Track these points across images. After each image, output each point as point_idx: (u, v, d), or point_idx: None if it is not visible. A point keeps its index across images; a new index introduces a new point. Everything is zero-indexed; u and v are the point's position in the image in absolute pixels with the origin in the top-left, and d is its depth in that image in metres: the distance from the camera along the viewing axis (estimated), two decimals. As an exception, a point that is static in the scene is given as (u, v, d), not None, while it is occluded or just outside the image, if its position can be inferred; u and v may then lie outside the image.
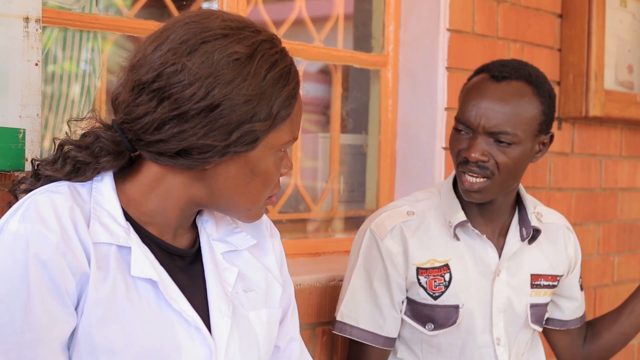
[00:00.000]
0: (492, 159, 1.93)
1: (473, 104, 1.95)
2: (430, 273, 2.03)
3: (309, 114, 2.87)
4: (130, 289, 1.31)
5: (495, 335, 2.07)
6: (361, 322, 2.06)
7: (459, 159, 1.98)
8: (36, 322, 1.24)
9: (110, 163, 1.37)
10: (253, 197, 1.40)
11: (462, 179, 1.97)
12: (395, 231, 2.04)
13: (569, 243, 2.21)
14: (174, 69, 1.30)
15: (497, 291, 2.06)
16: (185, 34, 1.32)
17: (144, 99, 1.31)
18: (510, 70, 1.97)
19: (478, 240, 2.06)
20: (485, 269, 2.06)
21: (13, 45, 1.60)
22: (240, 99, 1.30)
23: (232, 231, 1.50)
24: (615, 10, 3.15)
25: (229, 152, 1.33)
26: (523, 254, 2.10)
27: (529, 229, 2.07)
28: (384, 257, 2.03)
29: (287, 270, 1.61)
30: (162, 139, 1.32)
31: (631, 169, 3.42)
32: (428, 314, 2.04)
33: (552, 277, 2.15)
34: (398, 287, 2.04)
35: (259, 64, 1.32)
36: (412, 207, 2.08)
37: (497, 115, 1.92)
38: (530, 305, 2.11)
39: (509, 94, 1.94)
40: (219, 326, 1.39)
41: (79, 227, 1.29)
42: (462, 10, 2.69)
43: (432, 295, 2.03)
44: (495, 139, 1.93)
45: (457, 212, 2.03)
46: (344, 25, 2.74)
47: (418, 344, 2.08)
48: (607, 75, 3.12)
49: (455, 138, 2.00)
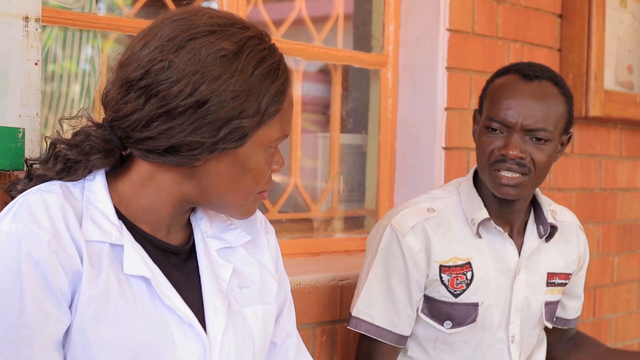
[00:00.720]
0: (528, 156, 1.96)
1: (509, 103, 1.97)
2: (453, 271, 2.03)
3: (309, 114, 2.87)
4: (124, 286, 1.32)
5: (511, 333, 2.08)
6: (376, 318, 2.05)
7: (492, 157, 1.98)
8: (30, 321, 1.24)
9: (100, 161, 1.37)
10: (244, 193, 1.40)
11: (498, 176, 1.97)
12: (417, 228, 2.03)
13: (581, 242, 2.24)
14: (161, 66, 1.30)
15: (517, 290, 2.07)
16: (172, 31, 1.33)
17: (132, 97, 1.32)
18: (539, 71, 2.01)
19: (499, 238, 2.06)
20: (506, 267, 2.06)
21: (13, 44, 1.60)
22: (228, 95, 1.30)
23: (226, 228, 1.50)
24: (615, 11, 3.15)
25: (218, 149, 1.33)
26: (540, 252, 2.11)
27: (546, 226, 2.08)
28: (405, 254, 2.03)
29: (282, 266, 1.61)
30: (151, 136, 1.32)
31: (631, 169, 3.42)
32: (447, 312, 2.04)
33: (566, 275, 2.17)
34: (417, 285, 2.03)
35: (247, 60, 1.32)
36: (432, 204, 2.08)
37: (535, 112, 1.95)
38: (545, 303, 2.12)
39: (543, 92, 1.97)
40: (213, 323, 1.39)
41: (71, 226, 1.29)
42: (462, 10, 2.69)
43: (453, 293, 2.03)
44: (532, 136, 1.96)
45: (480, 210, 2.04)
46: (343, 25, 2.74)
47: (432, 342, 2.08)
48: (607, 75, 3.12)
49: (488, 137, 2.00)
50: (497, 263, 2.06)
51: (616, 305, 3.36)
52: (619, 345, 3.38)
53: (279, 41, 2.50)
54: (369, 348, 2.09)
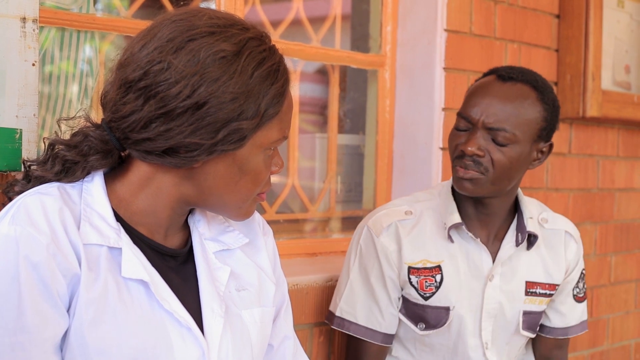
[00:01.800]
0: (488, 155, 1.95)
1: (476, 101, 1.98)
2: (422, 273, 2.04)
3: (306, 114, 2.87)
4: (122, 289, 1.31)
5: (484, 340, 2.07)
6: (360, 318, 2.07)
7: (455, 152, 1.99)
8: (28, 324, 1.24)
9: (98, 162, 1.37)
10: (243, 195, 1.40)
11: (456, 169, 1.98)
12: (390, 229, 2.05)
13: (570, 248, 2.18)
14: (160, 67, 1.30)
15: (488, 296, 2.06)
16: (171, 32, 1.32)
17: (131, 97, 1.31)
18: (518, 73, 2.00)
19: (472, 244, 2.06)
20: (478, 272, 2.06)
21: (10, 45, 1.60)
22: (227, 97, 1.30)
23: (224, 230, 1.50)
24: (613, 11, 3.16)
25: (217, 151, 1.33)
26: (520, 260, 2.10)
27: (524, 234, 2.06)
28: (379, 253, 2.05)
29: (280, 268, 1.61)
30: (149, 138, 1.31)
31: (628, 169, 3.42)
32: (420, 314, 2.05)
33: (550, 285, 2.14)
34: (393, 284, 2.05)
35: (246, 61, 1.32)
36: (410, 207, 2.09)
37: (498, 112, 1.94)
38: (523, 312, 2.11)
39: (512, 93, 1.96)
40: (211, 326, 1.39)
41: (69, 229, 1.29)
42: (459, 10, 2.70)
43: (423, 296, 2.04)
44: (493, 135, 1.94)
45: (452, 214, 2.04)
46: (341, 26, 2.74)
47: (412, 342, 2.10)
48: (605, 75, 3.12)
49: (454, 134, 2.01)
50: (469, 268, 2.06)
51: (613, 305, 3.36)
52: (617, 345, 3.38)
53: (277, 42, 2.49)
54: (356, 349, 2.10)
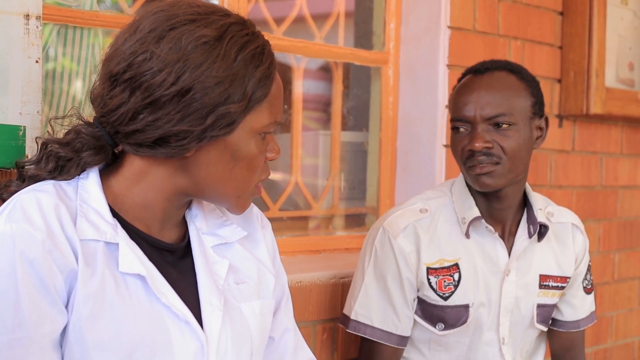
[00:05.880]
0: (496, 144, 1.96)
1: (464, 100, 1.99)
2: (440, 273, 2.03)
3: (310, 112, 2.87)
4: (120, 284, 1.31)
5: (501, 335, 2.07)
6: (375, 321, 2.06)
7: (464, 155, 1.99)
8: (26, 321, 1.24)
9: (91, 157, 1.37)
10: (239, 183, 1.39)
11: (472, 170, 1.98)
12: (408, 230, 2.04)
13: (577, 241, 2.20)
14: (143, 57, 1.30)
15: (506, 291, 2.06)
16: (152, 23, 1.33)
17: (117, 91, 1.32)
18: (490, 64, 2.04)
19: (488, 238, 2.06)
20: (495, 267, 2.06)
21: (13, 42, 1.60)
22: (211, 81, 1.30)
23: (221, 224, 1.49)
24: (616, 8, 3.15)
25: (207, 137, 1.32)
26: (533, 253, 2.10)
27: (535, 225, 2.07)
28: (397, 255, 2.03)
29: (279, 260, 1.61)
30: (138, 129, 1.31)
31: (632, 166, 3.42)
32: (438, 314, 2.04)
33: (562, 278, 2.15)
34: (410, 285, 2.04)
35: (229, 45, 1.32)
36: (425, 205, 2.08)
37: (490, 101, 1.96)
38: (537, 305, 2.11)
39: (494, 81, 1.99)
40: (210, 319, 1.39)
41: (65, 225, 1.29)
42: (462, 7, 2.69)
43: (442, 296, 2.03)
44: (494, 124, 1.96)
45: (471, 209, 2.04)
46: (344, 23, 2.74)
47: (426, 343, 2.09)
48: (608, 72, 3.11)
49: (455, 138, 2.02)
50: (486, 263, 2.06)
51: (617, 302, 3.36)
52: (620, 342, 3.38)
53: (280, 39, 2.50)
54: (370, 351, 2.09)
